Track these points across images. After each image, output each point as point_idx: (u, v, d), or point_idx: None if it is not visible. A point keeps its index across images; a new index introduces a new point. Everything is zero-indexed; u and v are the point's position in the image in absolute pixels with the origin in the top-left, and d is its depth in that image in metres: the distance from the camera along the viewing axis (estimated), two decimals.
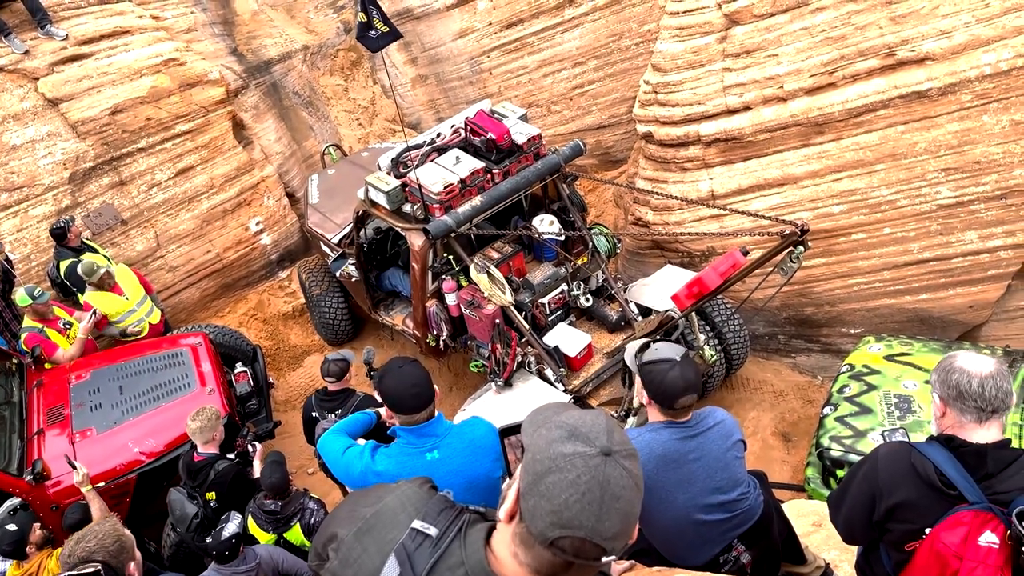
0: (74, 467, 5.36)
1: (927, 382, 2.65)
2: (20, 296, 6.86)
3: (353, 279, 7.92)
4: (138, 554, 3.37)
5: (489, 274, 6.31)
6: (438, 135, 7.06)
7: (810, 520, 4.45)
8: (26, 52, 8.29)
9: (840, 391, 6.13)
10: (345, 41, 11.61)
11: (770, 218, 5.42)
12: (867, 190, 6.79)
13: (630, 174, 8.73)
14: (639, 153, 8.33)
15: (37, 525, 4.89)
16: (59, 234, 7.51)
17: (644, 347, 3.16)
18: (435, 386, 3.13)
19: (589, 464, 1.42)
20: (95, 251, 7.81)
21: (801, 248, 5.12)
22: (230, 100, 9.70)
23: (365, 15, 5.67)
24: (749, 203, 7.12)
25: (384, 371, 3.15)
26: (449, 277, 6.65)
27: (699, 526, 3.16)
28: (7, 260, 7.46)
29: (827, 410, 6.03)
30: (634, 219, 8.08)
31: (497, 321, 6.39)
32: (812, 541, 4.11)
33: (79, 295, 7.17)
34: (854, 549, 3.18)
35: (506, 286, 6.34)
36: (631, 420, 6.02)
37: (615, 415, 6.24)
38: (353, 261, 7.76)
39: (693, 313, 6.28)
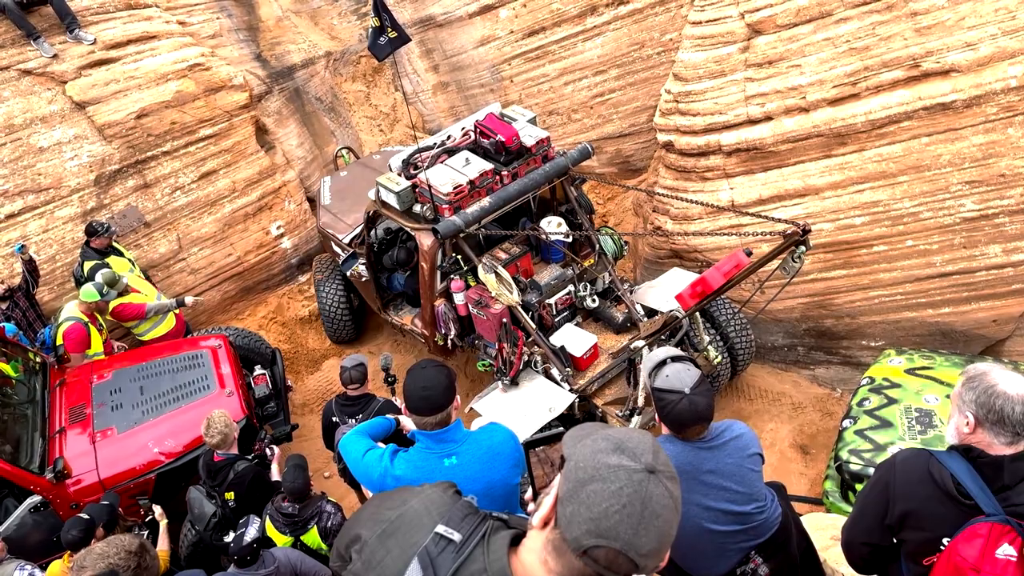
0: (152, 510, 5.62)
1: (948, 396, 2.62)
2: (89, 291, 7.02)
3: (363, 279, 7.99)
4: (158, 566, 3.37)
5: (497, 274, 6.37)
6: (448, 137, 7.14)
7: (828, 534, 4.41)
8: (55, 56, 8.44)
9: (860, 404, 6.07)
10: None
11: (773, 219, 5.43)
12: (889, 202, 6.74)
13: (650, 183, 8.71)
14: (659, 162, 8.32)
15: None
16: (90, 231, 7.66)
17: (660, 364, 3.13)
18: (456, 395, 3.15)
19: (633, 478, 1.42)
20: (120, 253, 7.93)
21: (803, 247, 5.13)
22: (253, 105, 9.80)
23: (379, 20, 5.74)
24: (769, 214, 7.06)
25: (411, 368, 3.19)
26: (457, 277, 6.72)
27: (713, 536, 3.15)
28: (31, 261, 7.57)
29: (847, 423, 5.98)
30: (653, 228, 8.07)
31: (504, 321, 6.45)
32: (830, 555, 4.07)
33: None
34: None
35: (513, 286, 6.40)
36: (635, 419, 6.02)
37: (620, 414, 6.27)
38: (363, 261, 7.83)
39: (697, 314, 6.29)
